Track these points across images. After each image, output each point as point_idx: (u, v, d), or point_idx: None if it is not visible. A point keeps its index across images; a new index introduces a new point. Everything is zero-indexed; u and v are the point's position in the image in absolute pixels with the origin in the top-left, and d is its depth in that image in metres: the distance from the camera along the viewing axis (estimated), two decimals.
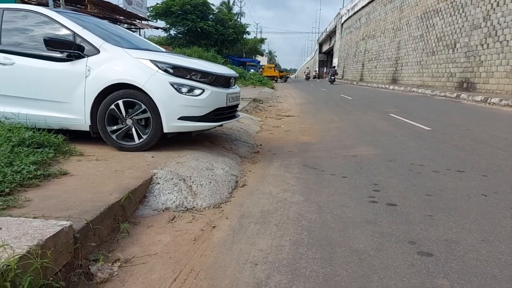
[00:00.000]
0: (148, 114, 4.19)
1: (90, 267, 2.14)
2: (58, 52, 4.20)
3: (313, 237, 2.70)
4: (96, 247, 2.34)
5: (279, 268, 2.27)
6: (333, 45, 66.16)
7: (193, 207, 3.19)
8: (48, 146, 3.75)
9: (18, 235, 1.91)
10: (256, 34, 76.95)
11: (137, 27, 28.09)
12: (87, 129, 4.33)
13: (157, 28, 34.63)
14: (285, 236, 2.70)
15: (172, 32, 38.30)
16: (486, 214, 3.14)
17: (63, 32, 4.32)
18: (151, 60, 4.24)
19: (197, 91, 4.28)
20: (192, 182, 3.50)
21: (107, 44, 4.31)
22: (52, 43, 4.08)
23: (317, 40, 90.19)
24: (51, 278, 1.85)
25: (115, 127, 4.27)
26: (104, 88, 4.16)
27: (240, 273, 2.21)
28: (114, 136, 4.28)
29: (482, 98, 14.37)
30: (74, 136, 4.41)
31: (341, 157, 5.34)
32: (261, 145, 6.23)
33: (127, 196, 2.83)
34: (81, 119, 4.30)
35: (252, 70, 39.95)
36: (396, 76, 30.39)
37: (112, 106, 4.19)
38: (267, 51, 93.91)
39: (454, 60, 20.59)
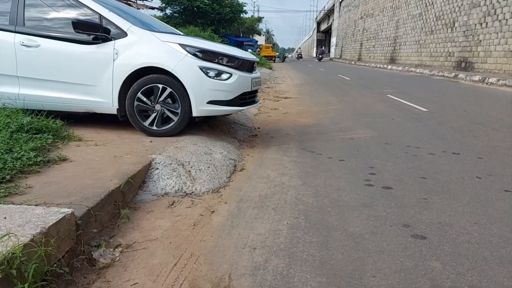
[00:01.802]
0: (176, 99, 4.22)
1: (92, 252, 2.19)
2: (85, 34, 4.17)
3: (310, 221, 2.76)
4: (97, 233, 2.39)
5: (277, 252, 2.33)
6: (331, 24, 65.46)
7: (192, 192, 3.24)
8: (47, 131, 3.76)
9: (21, 223, 1.95)
10: (254, 13, 75.93)
11: (132, 7, 27.65)
12: (114, 112, 4.34)
13: (152, 8, 34.10)
14: (282, 220, 2.76)
15: (168, 11, 37.70)
16: (479, 197, 3.20)
17: (89, 14, 4.28)
18: (180, 44, 4.24)
19: (224, 75, 4.30)
20: (191, 167, 3.54)
21: (135, 27, 4.30)
22: (80, 25, 4.06)
23: (315, 18, 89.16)
24: (54, 265, 1.90)
25: (143, 112, 4.30)
26: (132, 72, 4.17)
27: (238, 257, 2.27)
28: (142, 121, 4.31)
29: (480, 78, 14.35)
30: (72, 120, 4.42)
31: (338, 140, 5.38)
32: (259, 128, 6.25)
33: (127, 181, 2.87)
34: (108, 103, 4.31)
35: (249, 50, 39.60)
36: (394, 56, 30.21)
37: (141, 91, 4.21)
38: (264, 30, 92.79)
39: (452, 40, 20.46)
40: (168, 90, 4.20)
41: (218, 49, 4.48)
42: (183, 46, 4.22)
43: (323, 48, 47.76)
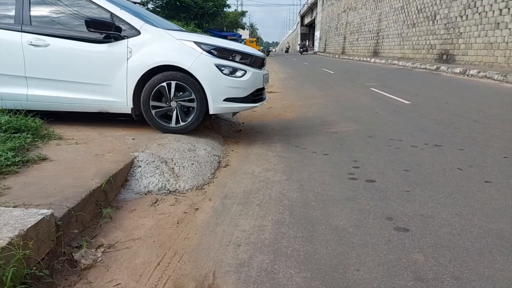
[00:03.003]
0: (192, 96, 4.20)
1: (73, 254, 2.15)
2: (97, 33, 4.10)
3: (295, 216, 2.76)
4: (78, 233, 2.35)
5: (262, 248, 2.32)
6: (315, 18, 65.56)
7: (176, 190, 3.21)
8: (26, 130, 3.68)
9: None
10: (237, 7, 75.51)
11: None
12: (128, 111, 4.30)
13: (134, 3, 33.64)
14: (267, 216, 2.76)
15: (150, 5, 37.25)
16: (460, 188, 3.25)
17: (98, 12, 4.21)
18: (195, 42, 4.23)
19: (239, 73, 4.32)
20: (174, 164, 3.50)
21: (147, 25, 4.25)
22: (93, 24, 4.00)
23: (299, 12, 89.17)
24: (34, 267, 1.87)
25: (159, 110, 4.26)
26: (148, 70, 4.13)
27: (223, 254, 2.26)
28: (158, 118, 4.28)
29: (461, 70, 14.57)
30: (52, 118, 4.34)
31: (322, 134, 5.39)
32: (243, 123, 6.24)
33: (108, 180, 2.82)
34: (122, 102, 4.26)
35: None
36: (377, 49, 30.44)
37: (157, 88, 4.18)
38: (248, 24, 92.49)
39: (434, 32, 20.70)
40: (183, 87, 4.19)
41: (231, 46, 4.50)
42: (198, 44, 4.22)
43: (303, 42, 51.38)
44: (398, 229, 2.54)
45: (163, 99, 4.24)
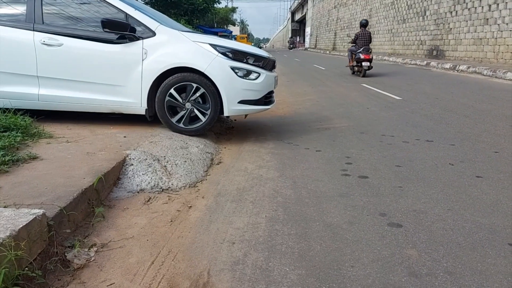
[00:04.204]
0: (207, 98, 4.21)
1: (66, 254, 2.13)
2: (112, 34, 4.07)
3: (288, 213, 2.76)
4: (71, 233, 2.32)
5: (256, 245, 2.32)
6: (305, 14, 65.53)
7: (169, 188, 3.19)
8: (15, 129, 3.62)
9: None
10: (227, 3, 75.18)
11: None
12: (142, 112, 4.28)
13: None
14: (261, 213, 2.75)
15: (140, 1, 36.98)
16: (452, 183, 3.28)
17: (112, 12, 4.18)
18: (210, 44, 4.23)
19: (253, 75, 4.35)
20: (167, 162, 3.48)
21: (162, 27, 4.23)
22: (109, 24, 3.97)
23: (290, 8, 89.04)
24: (26, 268, 1.84)
25: (173, 111, 4.26)
26: (163, 72, 4.12)
27: (217, 252, 2.25)
28: (173, 120, 4.28)
29: (451, 65, 14.67)
30: (42, 117, 4.28)
31: (315, 130, 5.40)
32: (235, 120, 6.21)
33: (100, 179, 2.79)
34: (136, 103, 4.24)
35: None
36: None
37: (172, 90, 4.17)
38: (239, 20, 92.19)
39: (424, 28, 20.80)
40: (200, 89, 4.20)
41: (245, 48, 4.52)
42: (213, 46, 4.23)
43: (292, 38, 57.02)
44: (392, 225, 2.55)
45: (178, 100, 4.24)
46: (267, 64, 4.57)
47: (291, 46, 57.92)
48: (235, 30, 70.72)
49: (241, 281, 1.98)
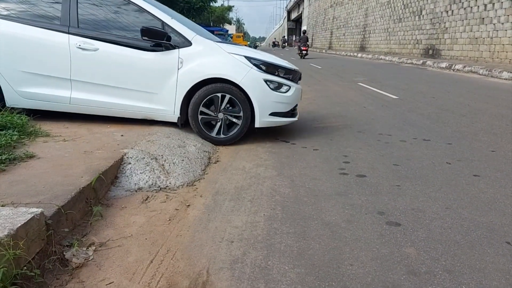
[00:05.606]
0: (239, 109, 4.27)
1: (64, 253, 2.12)
2: (148, 41, 4.09)
3: (287, 211, 2.76)
4: (69, 232, 2.31)
5: (255, 244, 2.32)
6: (301, 13, 65.57)
7: (167, 186, 3.18)
8: (12, 127, 3.61)
9: None
10: (224, 1, 75.06)
11: None
12: (175, 120, 4.33)
13: None
14: (259, 212, 2.75)
15: None
16: (450, 182, 3.29)
17: (149, 19, 4.21)
18: (245, 57, 4.29)
19: (284, 88, 4.43)
20: (164, 161, 3.47)
21: (199, 37, 4.28)
22: (148, 32, 4.00)
23: (286, 7, 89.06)
24: (24, 267, 1.83)
25: (206, 119, 4.31)
26: (198, 82, 4.15)
27: (216, 251, 2.25)
28: (212, 134, 4.34)
29: (447, 64, 14.73)
30: (39, 115, 4.26)
31: (312, 129, 5.41)
32: None
33: (98, 177, 2.78)
34: (169, 110, 4.28)
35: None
36: (364, 44, 30.59)
37: (207, 99, 4.21)
38: (235, 19, 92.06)
39: (420, 27, 20.88)
40: (233, 100, 4.25)
41: (277, 61, 4.61)
42: (248, 58, 4.30)
43: (285, 37, 60.39)
44: (390, 224, 2.56)
45: (211, 109, 4.28)
46: (295, 76, 4.65)
47: (284, 45, 60.17)
48: (231, 29, 70.62)
49: (240, 279, 1.98)
